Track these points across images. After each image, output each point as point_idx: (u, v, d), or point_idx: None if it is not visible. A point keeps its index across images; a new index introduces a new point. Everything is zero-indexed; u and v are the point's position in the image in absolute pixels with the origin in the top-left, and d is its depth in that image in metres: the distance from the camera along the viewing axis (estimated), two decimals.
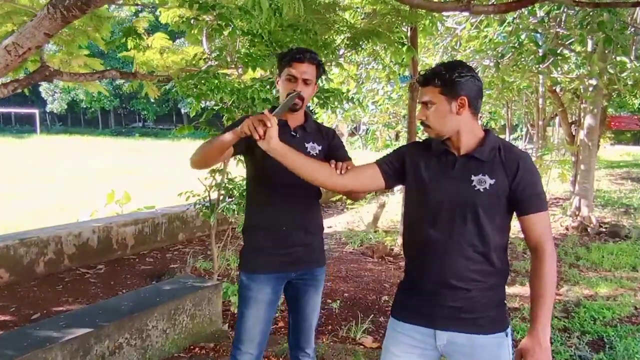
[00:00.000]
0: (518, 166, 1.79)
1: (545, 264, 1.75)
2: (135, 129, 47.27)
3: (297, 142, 2.26)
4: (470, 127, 1.84)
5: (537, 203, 1.79)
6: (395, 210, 8.72)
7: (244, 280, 2.34)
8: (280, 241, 2.30)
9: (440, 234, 1.83)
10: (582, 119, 8.25)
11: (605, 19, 5.41)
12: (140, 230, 6.32)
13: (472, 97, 1.82)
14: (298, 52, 2.25)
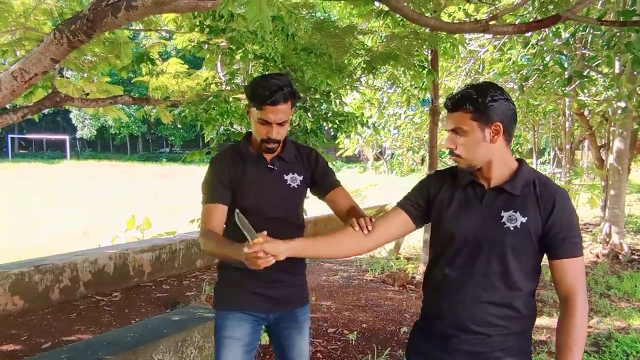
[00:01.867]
0: (554, 205, 1.61)
1: (575, 318, 1.58)
2: (163, 154, 47.91)
3: (274, 176, 2.15)
4: (503, 156, 1.66)
5: (571, 247, 1.61)
6: (417, 237, 8.51)
7: (218, 320, 2.19)
8: (260, 279, 2.10)
9: (460, 273, 1.67)
10: (611, 143, 8.01)
11: (633, 39, 5.25)
12: (157, 257, 6.26)
13: (506, 123, 1.63)
14: (269, 93, 1.97)
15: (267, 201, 2.13)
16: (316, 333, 4.50)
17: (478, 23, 3.79)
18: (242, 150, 2.16)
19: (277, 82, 2.00)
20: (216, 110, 3.19)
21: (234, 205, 2.06)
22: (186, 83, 4.56)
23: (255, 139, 2.12)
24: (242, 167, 2.12)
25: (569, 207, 1.64)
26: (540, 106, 8.23)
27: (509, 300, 1.63)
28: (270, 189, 2.15)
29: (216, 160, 2.18)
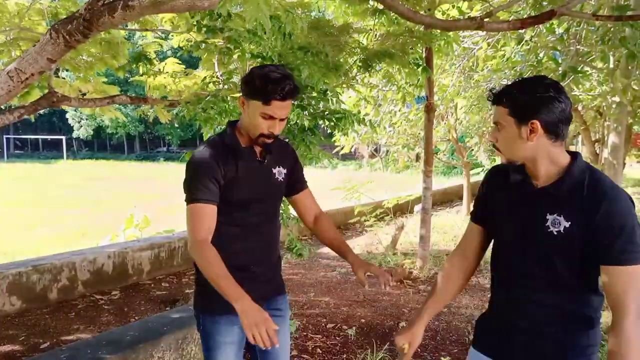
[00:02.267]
0: (599, 208, 1.48)
1: (621, 335, 1.45)
2: (160, 154, 47.93)
3: (264, 169, 2.11)
4: (548, 154, 1.57)
5: (620, 254, 1.47)
6: (414, 232, 8.55)
7: (207, 325, 2.10)
8: (249, 278, 2.06)
9: (508, 276, 1.68)
10: (605, 137, 8.05)
11: (628, 34, 5.27)
12: (156, 255, 6.28)
13: (548, 122, 1.53)
14: (279, 86, 1.89)
15: (259, 195, 2.09)
16: (315, 329, 4.53)
17: (473, 20, 3.82)
18: (232, 145, 2.04)
19: (284, 76, 1.93)
20: (214, 110, 3.21)
21: (225, 200, 2.00)
22: (184, 82, 4.58)
23: (247, 132, 2.03)
24: (235, 162, 2.02)
25: (618, 210, 1.49)
26: None
27: (560, 302, 1.58)
28: (262, 183, 2.11)
29: (203, 156, 2.02)
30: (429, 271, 6.44)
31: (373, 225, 8.22)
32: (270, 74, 1.92)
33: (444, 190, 14.32)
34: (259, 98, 1.91)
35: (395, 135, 10.70)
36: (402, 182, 18.71)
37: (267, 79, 1.91)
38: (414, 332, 1.85)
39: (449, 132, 10.79)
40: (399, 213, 10.26)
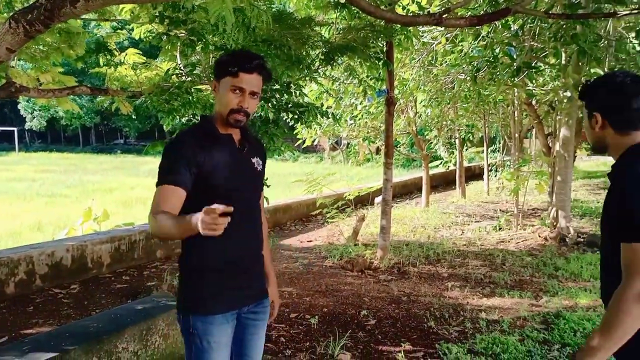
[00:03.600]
0: (614, 188, 1.74)
1: (617, 292, 1.64)
2: (117, 146, 46.89)
3: (244, 157, 2.10)
4: (613, 143, 1.81)
5: (622, 231, 1.65)
6: (374, 223, 8.70)
7: (199, 326, 2.00)
8: (240, 276, 2.07)
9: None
10: (557, 131, 8.34)
11: (579, 32, 5.49)
12: (116, 248, 6.22)
13: (607, 113, 1.78)
14: (247, 59, 1.97)
15: (240, 181, 2.06)
16: (279, 318, 4.59)
17: (432, 16, 3.94)
18: (210, 131, 2.03)
19: (255, 54, 2.03)
20: (178, 102, 3.22)
21: (207, 188, 1.96)
22: (144, 74, 4.54)
23: (221, 116, 2.02)
24: (213, 148, 1.99)
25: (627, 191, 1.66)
26: (491, 96, 8.50)
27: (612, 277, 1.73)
28: (243, 169, 2.08)
29: (180, 142, 1.99)
30: (389, 261, 6.58)
31: (335, 216, 8.32)
32: (240, 52, 2.08)
33: (404, 182, 14.55)
34: (228, 73, 1.96)
35: (356, 128, 10.82)
36: (362, 174, 18.90)
37: (236, 54, 2.04)
38: None
39: (409, 126, 10.98)
40: (360, 205, 10.40)
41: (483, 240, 8.09)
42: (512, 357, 3.82)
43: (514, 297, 5.32)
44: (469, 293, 5.45)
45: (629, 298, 1.59)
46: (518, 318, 4.70)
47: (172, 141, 2.04)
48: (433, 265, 6.60)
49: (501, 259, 6.92)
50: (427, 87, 9.05)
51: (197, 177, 1.94)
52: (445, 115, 10.91)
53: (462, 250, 7.47)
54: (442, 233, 8.72)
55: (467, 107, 9.63)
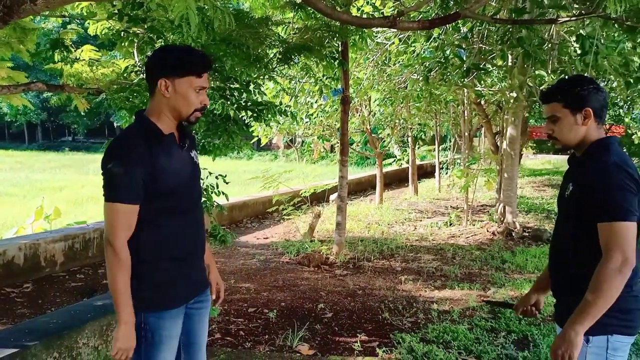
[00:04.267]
0: (587, 175, 1.93)
1: (599, 268, 1.83)
2: (65, 143, 45.46)
3: (186, 154, 2.09)
4: (588, 137, 1.99)
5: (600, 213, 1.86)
6: (330, 220, 8.85)
7: (151, 321, 1.99)
8: (188, 270, 2.10)
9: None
10: (504, 130, 8.69)
11: (524, 35, 5.76)
12: (70, 247, 6.14)
13: (596, 108, 1.97)
14: (206, 59, 2.00)
15: (186, 180, 2.07)
16: (237, 313, 4.67)
17: (386, 19, 4.08)
18: (153, 132, 1.97)
19: (201, 50, 2.06)
20: (139, 99, 3.26)
21: (157, 192, 1.95)
22: (101, 70, 4.52)
23: (173, 114, 1.99)
24: (160, 149, 1.96)
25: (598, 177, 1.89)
26: (442, 96, 8.76)
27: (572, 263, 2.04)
28: (187, 167, 2.09)
29: (126, 149, 1.94)
30: (345, 256, 6.74)
31: (291, 213, 8.43)
32: (192, 50, 2.03)
33: (358, 179, 14.77)
34: (192, 73, 1.94)
35: (311, 126, 10.93)
36: (317, 172, 19.06)
37: (195, 54, 1.99)
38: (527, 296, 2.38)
39: (363, 124, 11.18)
40: (315, 202, 10.53)
41: (435, 236, 8.36)
42: (462, 345, 4.02)
43: (463, 289, 5.56)
44: (421, 286, 5.65)
45: (612, 271, 1.80)
46: (467, 308, 4.93)
47: (117, 146, 1.97)
48: (387, 260, 6.80)
49: (452, 253, 7.19)
50: (380, 87, 9.25)
51: (148, 182, 1.91)
52: (398, 114, 11.16)
53: (414, 245, 7.71)
54: (395, 229, 8.95)
55: (419, 106, 9.88)
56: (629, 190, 1.83)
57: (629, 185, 1.84)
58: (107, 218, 1.90)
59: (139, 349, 2.00)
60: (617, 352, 1.92)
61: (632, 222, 1.83)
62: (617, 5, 3.21)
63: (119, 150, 1.94)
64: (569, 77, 2.14)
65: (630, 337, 1.96)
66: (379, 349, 3.94)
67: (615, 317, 1.85)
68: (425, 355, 3.79)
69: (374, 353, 3.89)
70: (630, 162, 1.91)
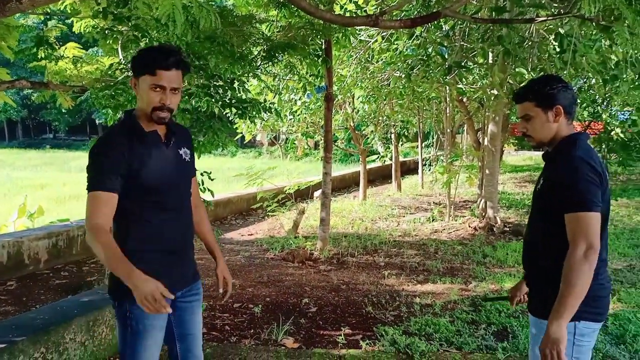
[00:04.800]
0: (556, 168, 2.04)
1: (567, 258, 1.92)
2: (46, 141, 44.91)
3: (171, 151, 2.14)
4: (559, 133, 2.09)
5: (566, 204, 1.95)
6: (314, 216, 8.92)
7: (135, 311, 2.01)
8: (174, 263, 2.16)
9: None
10: (486, 127, 8.81)
11: (504, 34, 5.86)
12: (54, 244, 6.13)
13: (566, 105, 2.07)
14: (162, 56, 1.98)
15: (169, 177, 2.11)
16: (223, 308, 4.72)
17: (369, 17, 4.14)
18: (135, 129, 2.05)
19: (169, 49, 2.03)
20: (124, 97, 3.28)
21: (139, 186, 2.02)
22: (85, 68, 4.52)
23: (144, 114, 2.05)
24: (141, 147, 2.03)
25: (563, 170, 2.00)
26: (424, 93, 8.87)
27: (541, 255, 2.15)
28: (172, 164, 2.13)
29: (106, 143, 2.03)
30: (329, 252, 6.81)
31: (275, 210, 8.48)
32: (155, 48, 2.08)
33: (342, 176, 14.85)
34: (146, 71, 1.97)
35: (295, 123, 10.98)
36: (301, 169, 19.11)
37: (152, 51, 2.04)
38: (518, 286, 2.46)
39: (347, 121, 11.25)
40: (299, 199, 10.59)
41: (417, 231, 8.47)
42: (443, 337, 4.11)
43: (445, 283, 5.66)
44: (404, 280, 5.75)
45: (578, 259, 1.89)
46: (449, 302, 5.02)
47: (100, 143, 2.05)
48: (370, 255, 6.88)
49: (434, 248, 7.30)
50: (364, 84, 9.33)
51: (127, 178, 1.99)
52: (382, 111, 11.26)
53: (397, 240, 7.80)
54: (379, 225, 9.04)
55: (402, 103, 9.98)
56: (593, 182, 1.93)
57: (592, 178, 1.93)
58: (87, 207, 1.98)
59: (125, 338, 2.11)
60: (584, 338, 2.00)
61: (596, 212, 1.92)
62: (592, 6, 3.31)
63: (100, 146, 2.03)
64: (538, 78, 2.20)
65: (597, 324, 2.05)
66: (362, 341, 4.02)
67: (583, 304, 1.93)
68: (408, 347, 3.87)
69: (358, 346, 3.96)
70: (595, 157, 2.00)
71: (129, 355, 2.11)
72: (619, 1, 3.47)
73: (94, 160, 2.00)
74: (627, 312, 4.59)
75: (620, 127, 11.82)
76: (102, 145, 2.03)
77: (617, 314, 4.54)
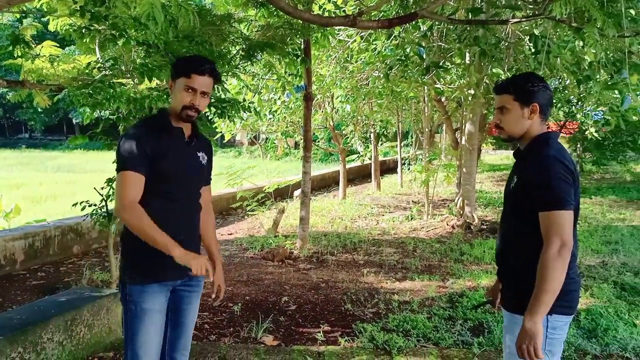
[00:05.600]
0: (528, 167, 2.08)
1: (542, 255, 1.97)
2: (22, 140, 44.14)
3: (192, 149, 2.36)
4: (532, 131, 2.14)
5: (540, 203, 1.99)
6: (294, 215, 8.95)
7: (134, 294, 2.24)
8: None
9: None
10: (463, 126, 8.92)
11: (481, 35, 5.95)
12: (30, 245, 6.06)
13: (543, 105, 2.11)
14: (199, 63, 2.25)
15: (183, 169, 2.30)
16: (202, 307, 4.70)
17: (347, 17, 4.19)
18: (163, 123, 2.28)
19: (206, 59, 2.31)
20: (102, 95, 3.27)
21: (155, 173, 2.20)
22: (62, 67, 4.48)
23: (175, 111, 2.26)
24: (166, 139, 2.25)
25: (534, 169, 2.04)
26: (403, 93, 8.95)
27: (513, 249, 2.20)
28: (188, 160, 2.34)
29: (138, 130, 2.25)
30: (309, 251, 6.84)
31: (255, 209, 8.49)
32: (195, 56, 2.36)
33: (322, 175, 14.90)
34: (183, 74, 2.23)
35: (275, 122, 10.99)
36: (281, 168, 19.11)
37: (190, 58, 2.35)
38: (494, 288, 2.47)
39: (326, 120, 11.30)
40: (279, 198, 10.60)
41: (396, 230, 8.55)
42: (421, 332, 4.18)
43: (423, 280, 5.73)
44: (383, 278, 5.81)
45: (552, 255, 1.94)
46: (427, 299, 5.10)
47: (129, 131, 2.27)
48: (350, 254, 6.94)
49: (413, 246, 7.38)
50: (343, 84, 9.38)
51: (150, 162, 2.18)
52: (361, 110, 11.33)
53: (377, 239, 7.87)
54: (358, 223, 9.10)
55: (381, 103, 10.06)
56: (566, 181, 1.97)
57: (565, 176, 1.98)
58: (117, 187, 2.20)
59: (126, 320, 2.28)
60: (556, 331, 2.06)
61: (569, 210, 1.97)
62: (563, 8, 3.39)
63: (130, 132, 2.25)
64: (522, 73, 2.26)
65: (568, 317, 2.11)
66: (341, 338, 4.06)
67: (555, 298, 1.98)
68: (386, 343, 3.93)
69: (337, 342, 4.01)
70: (567, 156, 2.05)
71: (130, 336, 2.26)
72: (589, 4, 3.57)
73: (122, 145, 2.20)
74: (599, 306, 4.71)
75: (594, 126, 12.03)
76: (131, 132, 2.25)
77: (590, 309, 4.65)
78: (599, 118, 12.52)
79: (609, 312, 4.56)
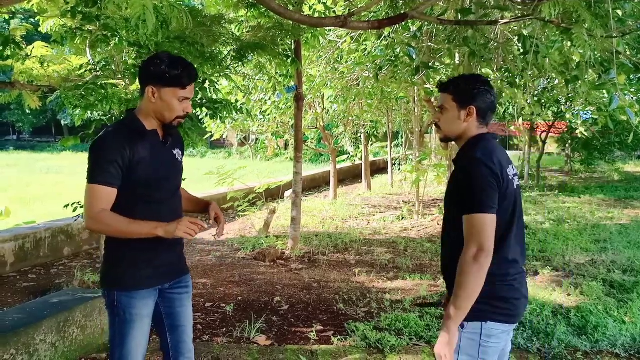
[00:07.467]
0: (457, 169, 2.03)
1: (460, 259, 1.90)
2: (10, 142, 43.68)
3: (168, 150, 2.28)
4: (467, 133, 2.07)
5: (463, 206, 1.93)
6: (285, 216, 8.96)
7: (123, 300, 2.17)
8: (162, 255, 2.25)
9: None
10: None
11: (470, 35, 5.99)
12: (20, 247, 6.03)
13: (482, 108, 2.04)
14: (192, 71, 2.15)
15: (164, 172, 2.24)
16: (194, 308, 4.68)
17: (337, 18, 4.21)
18: (137, 128, 2.17)
19: (188, 62, 2.19)
20: (94, 97, 3.27)
21: (135, 180, 2.12)
22: (52, 68, 4.47)
23: (157, 117, 2.17)
24: (141, 144, 2.14)
25: (462, 173, 1.99)
26: (393, 93, 8.99)
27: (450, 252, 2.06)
28: (166, 162, 2.26)
29: (108, 139, 2.12)
30: (300, 251, 6.86)
31: (246, 210, 8.48)
32: (180, 62, 2.14)
33: (312, 176, 14.89)
34: (176, 84, 2.11)
35: (265, 123, 10.99)
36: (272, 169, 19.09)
37: (181, 65, 2.12)
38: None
39: (317, 121, 11.32)
40: (270, 198, 10.61)
41: (387, 229, 8.59)
42: (413, 331, 4.20)
43: (415, 279, 5.77)
44: (374, 277, 5.84)
45: (468, 260, 1.88)
46: (418, 298, 5.13)
47: (101, 139, 2.14)
48: (341, 254, 6.96)
49: (404, 245, 7.42)
50: (333, 84, 9.41)
51: (125, 171, 2.10)
52: (351, 111, 11.35)
53: (368, 239, 7.90)
54: (349, 224, 9.13)
55: (371, 103, 10.09)
56: (489, 184, 1.91)
57: (489, 180, 1.91)
58: (85, 199, 2.10)
59: (113, 326, 2.23)
60: (491, 339, 1.98)
61: (491, 214, 1.90)
62: (552, 9, 3.43)
63: (102, 141, 2.13)
64: (467, 74, 2.20)
65: (506, 325, 2.02)
66: (334, 337, 4.08)
67: (490, 304, 1.94)
68: (378, 341, 3.95)
69: (329, 342, 4.03)
70: (494, 159, 1.96)
71: (118, 343, 2.20)
72: (578, 5, 3.61)
73: (94, 153, 2.10)
74: (589, 304, 4.76)
75: (583, 126, 12.15)
76: (103, 140, 2.13)
77: (580, 307, 4.71)
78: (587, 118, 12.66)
79: (598, 309, 4.62)
